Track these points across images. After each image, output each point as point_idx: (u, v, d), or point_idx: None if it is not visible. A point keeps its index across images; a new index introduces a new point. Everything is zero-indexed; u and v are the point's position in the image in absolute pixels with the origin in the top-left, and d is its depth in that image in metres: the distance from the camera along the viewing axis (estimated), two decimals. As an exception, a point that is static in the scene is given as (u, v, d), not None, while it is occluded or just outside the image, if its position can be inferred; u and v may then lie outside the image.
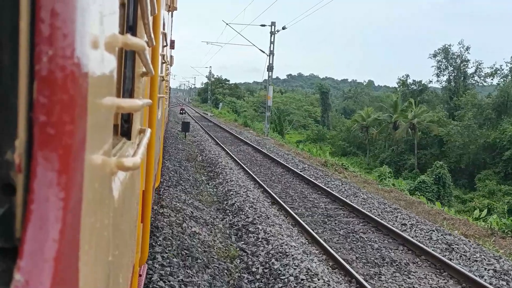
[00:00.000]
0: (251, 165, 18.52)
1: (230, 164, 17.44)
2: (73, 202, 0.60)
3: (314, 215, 11.45)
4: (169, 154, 17.53)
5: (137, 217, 2.17)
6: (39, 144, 0.54)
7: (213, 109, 72.63)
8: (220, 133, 32.33)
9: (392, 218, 11.43)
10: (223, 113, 64.32)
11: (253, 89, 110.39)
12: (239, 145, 25.59)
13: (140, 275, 3.04)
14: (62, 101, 0.56)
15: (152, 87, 2.83)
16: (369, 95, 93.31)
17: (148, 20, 1.65)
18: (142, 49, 1.20)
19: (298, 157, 22.07)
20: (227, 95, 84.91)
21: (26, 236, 0.53)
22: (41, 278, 0.52)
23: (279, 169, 17.99)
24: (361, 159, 59.47)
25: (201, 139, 26.28)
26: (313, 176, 16.44)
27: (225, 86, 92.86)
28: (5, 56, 0.54)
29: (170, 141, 22.12)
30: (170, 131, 26.46)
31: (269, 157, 20.61)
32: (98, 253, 0.85)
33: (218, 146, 23.87)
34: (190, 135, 27.07)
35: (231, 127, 38.45)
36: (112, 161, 1.01)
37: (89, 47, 0.66)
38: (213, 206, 11.54)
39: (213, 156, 19.24)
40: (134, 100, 1.37)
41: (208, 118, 50.66)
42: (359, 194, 13.95)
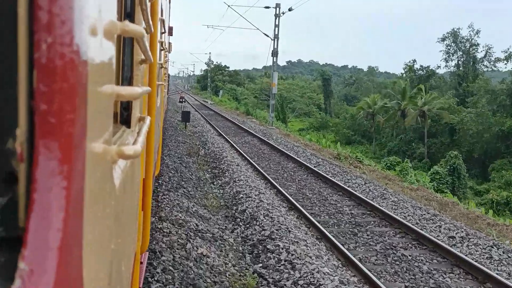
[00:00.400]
0: (259, 159, 16.83)
1: (236, 159, 15.84)
2: (75, 191, 0.60)
3: (340, 223, 9.71)
4: (169, 148, 15.94)
5: (138, 205, 2.18)
6: (40, 133, 0.54)
7: (213, 96, 70.52)
8: (222, 123, 30.32)
9: (434, 228, 9.52)
10: (224, 100, 62.31)
11: (253, 76, 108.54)
12: (243, 136, 23.65)
13: (141, 263, 3.07)
14: (63, 90, 0.56)
15: (151, 74, 2.82)
16: (373, 81, 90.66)
17: (146, 6, 1.64)
18: (140, 36, 1.18)
19: (308, 149, 20.15)
20: (226, 82, 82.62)
21: (29, 225, 0.53)
22: (45, 267, 0.52)
23: (290, 163, 16.25)
24: (367, 147, 57.29)
25: (203, 130, 24.44)
26: (329, 173, 14.77)
27: (224, 73, 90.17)
28: (4, 44, 0.54)
29: (170, 132, 20.43)
30: (169, 121, 24.94)
31: (277, 149, 18.89)
32: (101, 242, 0.86)
33: (221, 137, 22.07)
34: (190, 125, 25.27)
35: (233, 116, 36.37)
36: (112, 150, 1.01)
37: (88, 34, 0.66)
38: (220, 213, 9.89)
39: (216, 149, 17.60)
40: (134, 88, 1.36)
41: (209, 106, 48.74)
42: (387, 196, 11.98)
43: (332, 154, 19.77)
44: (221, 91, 74.10)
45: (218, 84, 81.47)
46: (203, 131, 23.73)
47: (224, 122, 30.66)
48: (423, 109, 49.89)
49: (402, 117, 53.81)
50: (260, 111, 49.02)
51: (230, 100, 64.25)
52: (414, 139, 53.18)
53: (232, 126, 28.60)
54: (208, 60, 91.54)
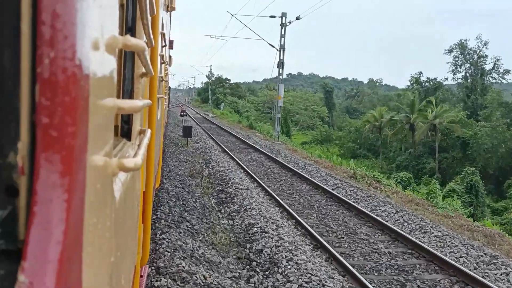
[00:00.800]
0: (269, 180, 15.18)
1: (245, 181, 14.10)
2: (76, 203, 0.61)
3: (379, 268, 7.92)
4: (169, 168, 14.20)
5: (138, 218, 2.18)
6: (41, 146, 0.54)
7: (214, 109, 69.50)
8: (225, 137, 28.87)
9: (500, 277, 7.68)
10: (225, 113, 61.00)
11: (254, 89, 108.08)
12: (249, 152, 22.15)
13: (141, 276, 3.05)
14: (64, 103, 0.56)
15: (151, 87, 2.84)
16: (377, 93, 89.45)
17: (147, 20, 1.66)
18: (141, 50, 1.20)
19: (321, 167, 18.43)
20: (228, 95, 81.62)
21: (29, 238, 0.53)
22: (45, 279, 0.52)
23: (305, 185, 14.48)
24: (373, 162, 55.17)
25: (205, 146, 22.86)
26: (351, 197, 12.98)
27: (225, 85, 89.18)
28: (7, 59, 0.54)
29: (170, 149, 18.99)
30: (170, 136, 23.65)
31: (288, 168, 17.29)
32: (100, 254, 0.86)
33: (226, 154, 20.60)
34: (192, 140, 23.56)
35: (236, 130, 34.93)
36: (113, 162, 1.02)
37: (90, 49, 0.67)
38: (231, 253, 8.23)
39: (222, 169, 15.90)
40: (135, 101, 1.37)
41: (210, 119, 47.45)
42: (426, 228, 10.04)
43: (347, 173, 17.87)
44: (222, 104, 73.14)
45: (219, 97, 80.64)
46: (206, 147, 22.26)
47: (228, 137, 29.28)
48: (434, 123, 48.19)
49: (411, 130, 52.32)
50: (263, 125, 48.25)
51: (231, 113, 63.52)
52: (423, 154, 50.89)
53: (236, 141, 27.16)
54: (209, 72, 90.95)
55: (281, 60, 29.65)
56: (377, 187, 15.84)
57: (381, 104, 68.78)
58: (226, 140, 27.34)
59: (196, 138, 25.49)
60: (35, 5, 0.54)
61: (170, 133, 25.61)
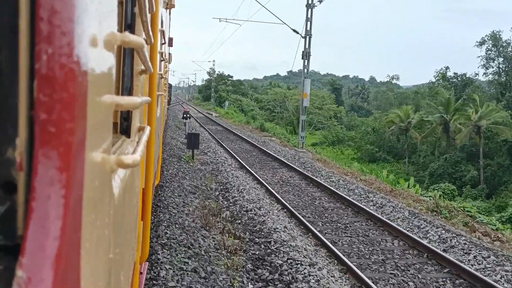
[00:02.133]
0: (329, 228, 9.93)
1: (293, 231, 9.12)
2: (74, 200, 0.61)
3: None
4: (169, 211, 9.10)
5: (137, 215, 2.18)
6: (40, 142, 0.55)
7: (217, 108, 64.52)
8: (237, 144, 24.15)
9: None
10: (230, 113, 55.60)
11: (256, 86, 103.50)
12: (274, 167, 17.17)
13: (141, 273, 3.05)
14: (62, 99, 0.57)
15: (150, 84, 2.84)
16: (393, 91, 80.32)
17: (146, 17, 1.65)
18: (140, 47, 1.20)
19: (376, 191, 13.78)
20: (230, 93, 76.11)
21: (27, 234, 0.53)
22: (42, 275, 0.52)
23: (386, 235, 9.44)
24: (397, 167, 49.00)
25: (216, 158, 17.86)
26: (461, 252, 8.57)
27: (228, 82, 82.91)
28: (5, 55, 0.55)
29: (170, 169, 13.90)
30: (170, 146, 19.33)
31: (339, 196, 12.31)
32: (99, 251, 0.86)
33: (246, 172, 15.44)
34: (199, 149, 18.41)
35: (246, 133, 30.70)
36: (112, 159, 1.02)
37: (88, 45, 0.67)
38: None
39: (249, 205, 10.65)
40: (133, 98, 1.37)
41: (214, 119, 42.77)
42: None
43: (415, 198, 13.36)
44: (226, 102, 67.57)
45: (222, 94, 74.94)
46: (218, 161, 17.20)
47: (240, 143, 24.57)
48: (479, 124, 40.91)
49: (445, 132, 46.04)
50: (274, 126, 43.65)
51: (236, 112, 58.55)
52: (461, 160, 43.09)
53: (252, 149, 22.25)
54: (210, 69, 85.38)
55: (306, 49, 24.10)
56: (472, 224, 10.96)
57: (397, 103, 63.73)
58: (240, 148, 22.47)
59: (202, 146, 20.34)
60: (33, 1, 0.54)
61: (170, 140, 21.12)
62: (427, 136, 48.46)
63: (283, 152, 21.57)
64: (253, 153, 21.03)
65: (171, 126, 29.18)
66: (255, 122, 42.73)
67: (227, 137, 27.88)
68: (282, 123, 55.31)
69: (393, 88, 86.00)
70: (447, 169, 42.61)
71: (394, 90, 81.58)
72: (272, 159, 19.32)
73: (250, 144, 24.04)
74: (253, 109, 66.24)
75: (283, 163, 17.90)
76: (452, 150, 44.81)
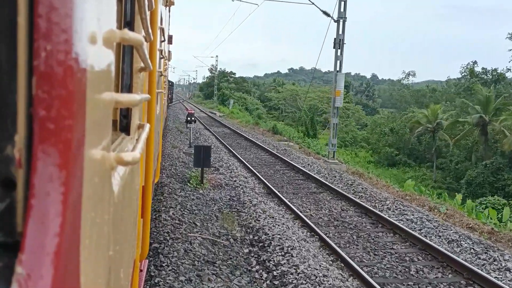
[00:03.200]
0: None
1: None
2: (73, 196, 0.61)
3: None
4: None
5: (137, 212, 2.18)
6: (39, 139, 0.55)
7: (220, 107, 59.71)
8: (253, 152, 19.62)
9: None
10: (235, 112, 51.10)
11: (258, 84, 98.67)
12: (309, 189, 12.88)
13: (141, 270, 3.06)
14: (61, 96, 0.57)
15: (150, 82, 2.84)
16: (409, 88, 72.66)
17: (145, 15, 1.65)
18: (139, 44, 1.20)
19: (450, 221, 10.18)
20: (233, 90, 71.74)
21: (27, 231, 0.53)
22: (42, 272, 0.52)
23: None
24: (421, 172, 43.94)
25: (232, 178, 13.40)
26: None
27: (230, 80, 78.56)
28: (4, 52, 0.54)
29: (171, 200, 9.89)
30: (169, 157, 15.08)
31: (433, 249, 8.01)
32: (98, 248, 0.86)
33: (278, 201, 11.24)
34: None
35: (258, 136, 26.56)
36: (111, 156, 1.02)
37: (87, 42, 0.67)
38: None
39: None
40: (132, 95, 1.37)
41: (219, 119, 38.61)
42: None
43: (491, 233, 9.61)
44: (231, 100, 62.12)
45: (225, 92, 69.94)
46: (235, 183, 12.66)
47: (256, 152, 20.00)
48: None
49: (483, 135, 39.90)
50: (287, 128, 38.99)
51: (241, 112, 54.09)
52: (503, 167, 36.52)
53: (273, 160, 17.70)
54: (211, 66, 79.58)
55: (339, 36, 18.71)
56: None
57: (414, 101, 59.32)
58: (258, 159, 17.95)
59: (211, 156, 14.26)
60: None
61: (171, 151, 16.71)
62: (461, 138, 42.09)
63: (313, 165, 16.93)
64: (277, 166, 16.40)
65: (171, 129, 25.34)
66: (266, 124, 38.13)
67: (238, 142, 23.35)
68: (293, 123, 50.00)
69: (408, 85, 77.54)
70: (487, 178, 36.04)
71: (410, 88, 73.63)
72: (304, 177, 14.53)
73: (268, 153, 19.50)
74: (258, 107, 62.34)
75: (321, 184, 13.25)
76: (492, 155, 38.11)
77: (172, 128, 26.21)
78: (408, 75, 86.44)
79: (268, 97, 69.92)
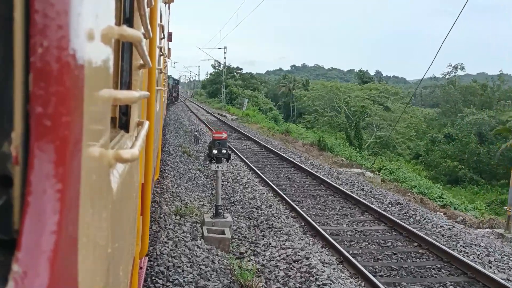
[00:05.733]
0: None
1: None
2: (70, 194, 0.60)
3: None
4: None
5: (136, 210, 2.18)
6: (35, 136, 0.54)
7: (229, 107, 50.38)
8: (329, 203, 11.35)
9: None
10: (251, 114, 41.21)
11: (265, 80, 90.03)
12: None
13: (140, 268, 3.06)
14: (58, 93, 0.56)
15: (149, 79, 2.83)
16: (454, 84, 58.81)
17: (144, 11, 1.65)
18: (138, 41, 1.19)
19: None
20: (243, 88, 63.81)
21: (24, 228, 0.53)
22: (39, 269, 0.52)
23: None
24: (496, 192, 33.03)
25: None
26: None
27: (236, 76, 70.10)
28: (0, 48, 0.54)
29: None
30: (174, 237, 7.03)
31: None
32: (97, 246, 0.86)
33: None
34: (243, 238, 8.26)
35: (305, 157, 18.62)
36: (110, 153, 1.01)
37: (84, 39, 0.66)
38: None
39: None
40: (131, 92, 1.37)
41: (232, 124, 29.98)
42: None
43: None
44: (245, 100, 51.53)
45: (234, 90, 60.83)
46: None
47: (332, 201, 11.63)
48: None
49: None
50: (336, 142, 30.49)
51: (257, 113, 44.37)
52: None
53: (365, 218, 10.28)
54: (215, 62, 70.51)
55: None
56: None
57: (461, 99, 49.03)
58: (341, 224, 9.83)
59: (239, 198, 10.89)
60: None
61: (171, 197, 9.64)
62: None
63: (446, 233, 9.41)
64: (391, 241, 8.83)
65: (172, 146, 16.18)
66: (300, 133, 30.04)
67: (278, 168, 15.39)
68: (339, 135, 39.55)
69: (454, 80, 62.58)
70: None
71: (456, 84, 59.38)
72: None
73: (355, 206, 11.17)
74: (272, 107, 54.91)
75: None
76: None
77: (173, 145, 16.22)
78: (455, 69, 69.87)
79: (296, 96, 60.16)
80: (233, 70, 71.69)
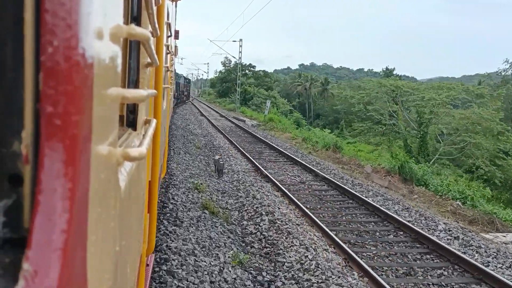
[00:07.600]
0: None
1: None
2: (80, 192, 0.61)
3: None
4: None
5: (144, 208, 2.19)
6: (45, 135, 0.54)
7: (243, 108, 45.10)
8: None
9: None
10: (275, 119, 34.08)
11: (278, 79, 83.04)
12: None
13: (147, 265, 3.07)
14: (68, 92, 0.56)
15: (157, 77, 2.83)
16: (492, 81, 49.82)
17: (152, 10, 1.65)
18: (146, 39, 1.19)
19: None
20: (259, 87, 58.01)
21: (34, 227, 0.53)
22: (49, 268, 0.52)
23: None
24: None
25: None
26: None
27: (249, 74, 63.83)
28: (10, 47, 0.54)
29: None
30: None
31: None
32: (105, 243, 0.86)
33: None
34: None
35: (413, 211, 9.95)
36: (118, 152, 1.02)
37: (93, 38, 0.66)
38: None
39: None
40: (139, 91, 1.37)
41: (256, 134, 23.06)
42: None
43: None
44: (268, 101, 42.97)
45: (248, 89, 54.88)
46: None
47: None
48: None
49: None
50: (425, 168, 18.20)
51: (281, 118, 36.84)
52: None
53: None
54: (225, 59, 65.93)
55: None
56: None
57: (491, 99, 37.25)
58: None
59: None
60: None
61: None
62: None
63: None
64: None
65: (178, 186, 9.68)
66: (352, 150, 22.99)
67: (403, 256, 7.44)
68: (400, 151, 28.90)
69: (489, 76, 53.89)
70: None
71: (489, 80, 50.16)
72: None
73: None
74: (291, 109, 47.31)
75: None
76: None
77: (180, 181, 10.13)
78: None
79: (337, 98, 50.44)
80: (245, 67, 63.89)
